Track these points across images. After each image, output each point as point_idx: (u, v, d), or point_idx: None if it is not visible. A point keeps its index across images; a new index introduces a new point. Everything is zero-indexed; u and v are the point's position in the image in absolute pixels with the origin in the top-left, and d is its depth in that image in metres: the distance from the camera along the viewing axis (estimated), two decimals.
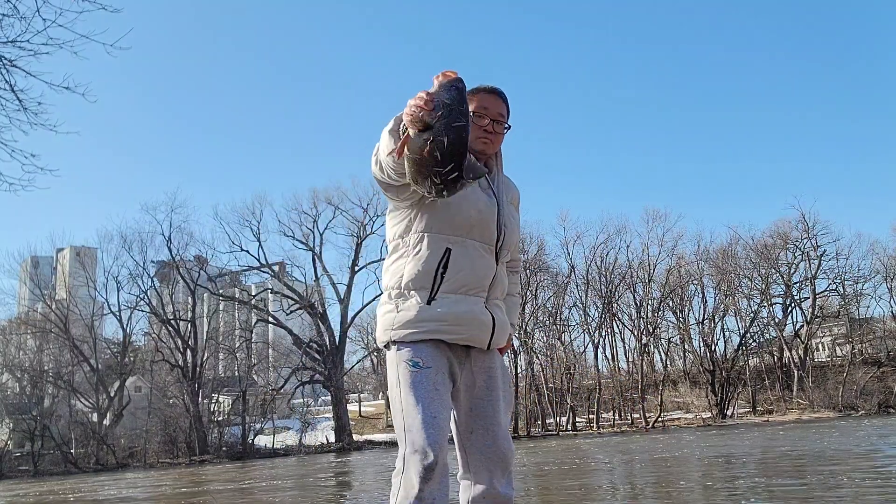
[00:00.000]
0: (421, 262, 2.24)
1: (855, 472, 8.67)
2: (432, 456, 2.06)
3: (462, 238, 2.26)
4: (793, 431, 22.63)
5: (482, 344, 2.30)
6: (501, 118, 2.40)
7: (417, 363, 2.18)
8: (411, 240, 2.28)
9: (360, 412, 54.60)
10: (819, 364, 44.92)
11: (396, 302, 2.28)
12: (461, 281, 2.24)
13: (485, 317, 2.27)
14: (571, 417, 43.75)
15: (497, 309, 2.35)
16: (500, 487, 2.28)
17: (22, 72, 6.80)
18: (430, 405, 2.13)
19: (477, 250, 2.28)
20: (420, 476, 2.06)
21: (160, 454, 40.15)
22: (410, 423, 2.12)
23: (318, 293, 45.43)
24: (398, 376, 2.21)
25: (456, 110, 1.90)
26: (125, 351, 44.88)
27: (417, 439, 2.09)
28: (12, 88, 6.86)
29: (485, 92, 2.40)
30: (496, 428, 2.32)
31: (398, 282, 2.28)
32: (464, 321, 2.23)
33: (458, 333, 2.23)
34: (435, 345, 2.23)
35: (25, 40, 6.54)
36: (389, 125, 2.01)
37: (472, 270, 2.26)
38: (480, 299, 2.28)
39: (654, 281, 46.78)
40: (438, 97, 1.90)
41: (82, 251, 55.26)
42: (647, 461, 13.70)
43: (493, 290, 2.33)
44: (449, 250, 2.23)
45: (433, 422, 2.10)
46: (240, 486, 15.35)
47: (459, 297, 2.24)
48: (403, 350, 2.21)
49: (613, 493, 8.55)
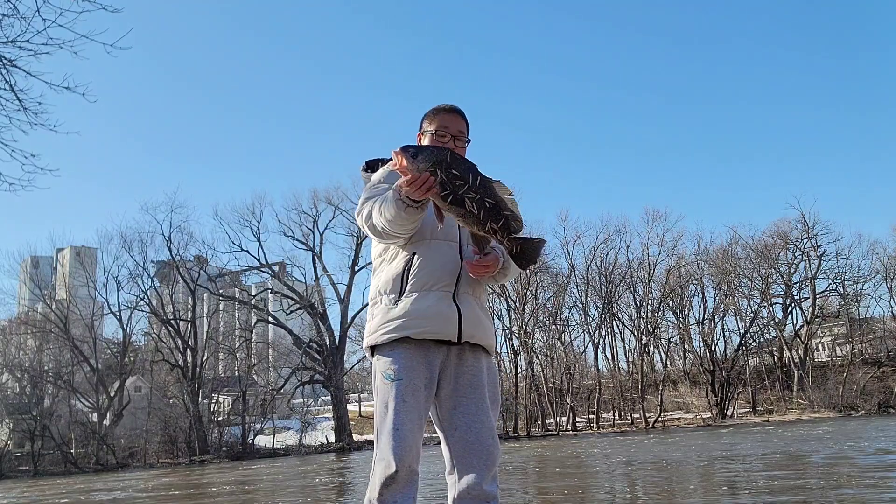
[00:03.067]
0: (392, 270, 2.42)
1: (855, 473, 8.67)
2: (394, 466, 2.22)
3: (427, 240, 2.41)
4: (793, 431, 22.63)
5: (450, 336, 2.37)
6: (461, 134, 2.59)
7: (390, 375, 2.33)
8: (388, 254, 2.48)
9: (360, 412, 54.58)
10: (819, 364, 44.95)
11: (372, 311, 2.47)
12: (424, 278, 2.38)
13: (449, 310, 2.36)
14: (571, 417, 43.76)
15: (467, 302, 2.42)
16: (485, 485, 2.31)
17: (22, 72, 6.79)
18: (396, 417, 2.27)
19: (441, 248, 2.42)
20: (381, 482, 2.24)
21: (160, 454, 40.17)
22: (379, 432, 2.30)
23: (318, 293, 45.45)
24: (375, 386, 2.39)
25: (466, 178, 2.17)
26: (125, 351, 44.85)
27: (382, 448, 2.26)
28: (12, 88, 6.85)
29: (444, 112, 2.59)
30: (479, 425, 2.36)
31: (377, 291, 2.48)
32: (426, 315, 2.34)
33: (421, 327, 2.34)
34: (412, 350, 2.34)
35: (25, 40, 6.53)
36: (390, 195, 2.23)
37: (436, 267, 2.39)
38: (447, 293, 2.38)
39: (654, 281, 46.84)
40: (438, 174, 2.13)
41: (82, 251, 55.28)
42: (647, 461, 13.70)
43: (461, 284, 2.41)
44: (414, 254, 2.40)
45: (396, 433, 2.25)
46: (240, 487, 15.35)
47: (423, 294, 2.36)
48: (382, 360, 2.38)
49: (613, 494, 8.55)
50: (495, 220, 2.18)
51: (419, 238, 2.41)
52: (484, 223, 2.18)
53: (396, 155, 2.14)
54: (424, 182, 2.09)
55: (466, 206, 2.14)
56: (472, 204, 2.14)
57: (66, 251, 58.86)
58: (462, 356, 2.42)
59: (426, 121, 2.63)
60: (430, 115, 2.61)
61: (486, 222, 2.18)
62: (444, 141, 2.55)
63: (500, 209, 2.19)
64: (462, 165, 2.17)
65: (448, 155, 2.17)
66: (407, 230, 2.30)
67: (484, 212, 2.16)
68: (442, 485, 2.29)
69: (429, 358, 2.37)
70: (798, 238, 45.77)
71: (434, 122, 2.58)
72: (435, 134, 2.56)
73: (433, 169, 2.11)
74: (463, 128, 2.60)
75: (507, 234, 2.23)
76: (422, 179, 2.09)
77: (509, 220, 2.22)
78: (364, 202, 2.41)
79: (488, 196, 2.17)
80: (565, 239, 48.47)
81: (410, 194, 2.12)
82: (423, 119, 2.66)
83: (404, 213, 2.18)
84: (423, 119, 2.66)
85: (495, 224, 2.19)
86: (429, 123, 2.61)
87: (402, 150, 2.13)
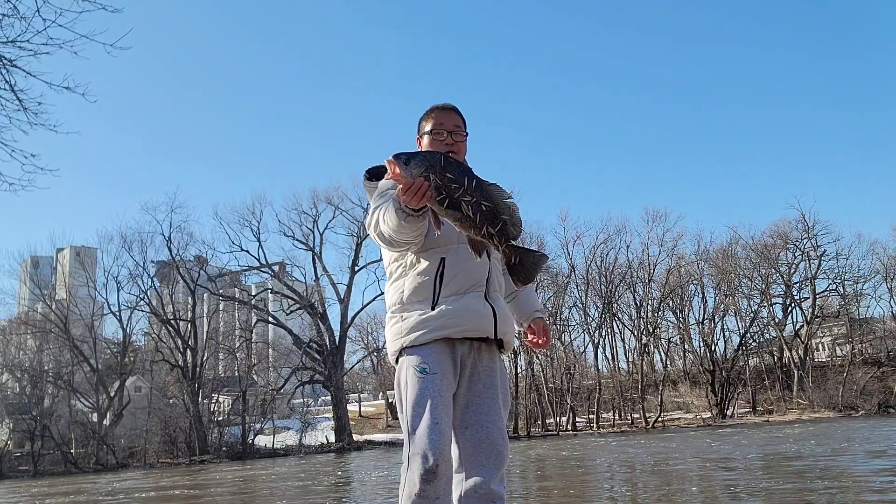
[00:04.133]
0: (420, 276, 2.42)
1: (855, 472, 8.67)
2: (432, 459, 2.20)
3: (455, 245, 2.41)
4: (793, 431, 22.62)
5: (487, 333, 2.42)
6: (458, 129, 2.58)
7: (424, 369, 2.33)
8: (408, 260, 2.46)
9: (360, 412, 54.61)
10: (819, 364, 44.94)
11: (401, 314, 2.44)
12: (458, 283, 2.40)
13: (485, 308, 2.42)
14: (571, 417, 43.77)
15: (498, 301, 2.50)
16: (493, 484, 2.31)
17: (22, 72, 6.78)
18: (434, 411, 2.26)
19: (469, 252, 2.38)
20: (422, 477, 2.20)
21: (160, 454, 40.16)
22: (415, 426, 2.27)
23: (318, 293, 45.43)
24: (406, 380, 2.36)
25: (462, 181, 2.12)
26: (125, 351, 44.84)
27: (420, 443, 2.23)
28: (12, 88, 6.84)
29: (438, 110, 2.61)
30: (491, 425, 2.37)
31: (400, 297, 2.46)
32: (465, 314, 2.37)
33: (461, 326, 2.37)
34: (442, 347, 2.37)
35: (25, 40, 6.52)
36: (391, 204, 2.21)
37: (467, 271, 2.41)
38: (479, 294, 2.43)
39: (654, 281, 46.83)
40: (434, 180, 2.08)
41: (82, 251, 55.28)
42: (647, 462, 13.69)
43: (491, 284, 2.47)
44: (444, 259, 2.40)
45: (436, 427, 2.24)
46: (240, 487, 15.35)
47: (459, 297, 2.39)
48: (412, 356, 2.37)
49: (613, 494, 8.54)
50: (492, 224, 2.12)
51: (447, 242, 2.41)
52: (480, 227, 2.12)
53: (389, 164, 2.11)
54: (419, 189, 2.06)
55: (463, 210, 2.09)
56: (469, 207, 2.09)
57: (66, 251, 58.86)
58: (480, 354, 2.45)
59: (423, 122, 2.63)
60: (426, 115, 2.62)
61: (483, 226, 2.12)
62: (442, 138, 2.54)
63: (497, 212, 2.13)
64: (457, 168, 2.12)
65: (441, 158, 2.13)
66: (413, 238, 2.28)
67: (480, 215, 2.10)
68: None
69: (454, 356, 2.39)
70: (798, 238, 45.80)
71: (430, 121, 2.59)
72: (431, 133, 2.56)
73: (427, 174, 2.07)
74: (459, 122, 2.59)
75: (504, 239, 2.17)
76: (416, 186, 2.05)
77: (507, 224, 2.15)
78: (373, 212, 2.39)
79: (485, 199, 2.11)
80: (565, 239, 48.53)
81: (408, 203, 2.09)
82: (419, 122, 2.66)
83: (405, 223, 2.16)
84: (419, 122, 2.66)
85: (492, 228, 2.12)
86: (425, 123, 2.61)
87: (394, 159, 2.09)
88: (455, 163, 2.16)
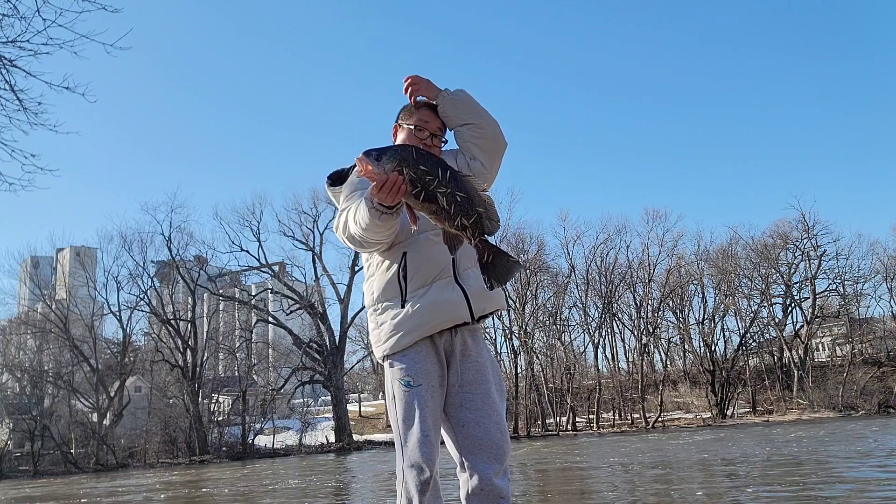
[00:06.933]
0: (385, 274, 2.42)
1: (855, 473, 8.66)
2: (427, 472, 2.26)
3: (415, 237, 2.38)
4: (793, 431, 22.61)
5: (463, 318, 2.37)
6: (440, 132, 2.56)
7: (409, 382, 2.34)
8: (375, 259, 2.47)
9: (360, 412, 54.60)
10: (819, 364, 44.91)
11: (377, 318, 2.46)
12: (423, 274, 2.37)
13: (455, 294, 2.36)
14: (571, 417, 43.74)
15: (469, 277, 2.40)
16: (496, 479, 2.31)
17: (22, 72, 6.78)
18: (423, 423, 2.29)
19: (428, 240, 2.38)
20: (417, 489, 2.27)
21: (160, 454, 40.16)
22: (406, 440, 2.31)
23: (318, 293, 45.44)
24: (393, 393, 2.38)
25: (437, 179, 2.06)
26: (125, 351, 44.85)
27: (413, 456, 2.28)
28: (12, 88, 6.84)
29: (425, 107, 2.56)
30: (486, 420, 2.36)
31: (371, 299, 2.48)
32: (434, 309, 2.34)
33: (434, 321, 2.34)
34: (423, 348, 2.35)
35: (25, 40, 6.52)
36: (362, 203, 2.17)
37: (430, 259, 2.38)
38: (448, 279, 2.38)
39: (654, 281, 46.79)
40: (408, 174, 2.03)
41: (82, 251, 55.27)
42: (647, 462, 13.69)
43: (459, 262, 2.39)
44: (405, 253, 2.38)
45: (426, 440, 2.28)
46: (240, 487, 15.34)
47: (425, 289, 2.36)
48: (396, 367, 2.37)
49: (613, 494, 8.54)
50: (466, 216, 2.06)
51: (406, 235, 2.37)
52: (454, 218, 2.06)
53: (359, 161, 2.06)
54: (394, 184, 2.01)
55: (439, 202, 2.04)
56: (444, 199, 2.03)
57: (66, 251, 58.82)
58: (465, 341, 2.42)
59: (405, 114, 2.57)
60: (410, 108, 2.56)
61: (457, 217, 2.05)
62: (423, 136, 2.50)
63: (472, 204, 2.07)
64: (430, 160, 2.07)
65: (413, 150, 2.07)
66: (385, 237, 2.25)
67: (455, 206, 2.04)
68: (453, 484, 2.34)
69: (438, 352, 2.38)
70: (798, 238, 45.74)
71: (413, 117, 2.53)
72: (414, 129, 2.52)
73: (400, 167, 2.01)
74: (442, 125, 2.56)
75: (479, 233, 2.10)
76: (391, 182, 2.00)
77: (482, 217, 2.09)
78: (340, 215, 2.36)
79: (459, 190, 2.05)
80: (565, 239, 48.42)
81: (383, 200, 2.04)
82: (400, 111, 2.60)
83: (379, 221, 2.12)
84: (400, 111, 2.60)
85: (466, 220, 2.06)
86: (407, 117, 2.56)
87: (364, 156, 2.05)
88: (427, 154, 2.11)
